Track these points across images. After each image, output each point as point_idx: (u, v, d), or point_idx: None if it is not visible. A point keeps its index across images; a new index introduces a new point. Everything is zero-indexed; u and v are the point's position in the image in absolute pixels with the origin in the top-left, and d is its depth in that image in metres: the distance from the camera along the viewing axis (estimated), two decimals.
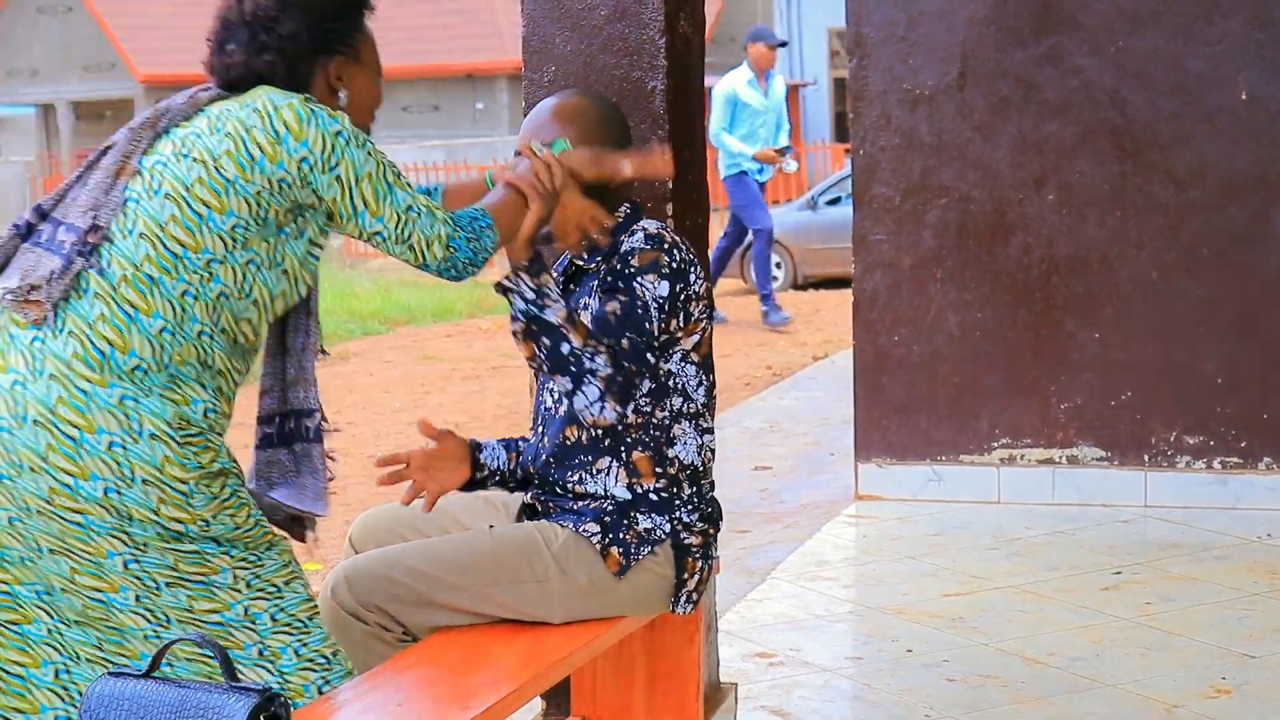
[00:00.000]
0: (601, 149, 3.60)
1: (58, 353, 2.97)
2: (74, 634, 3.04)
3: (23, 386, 2.97)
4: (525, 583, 3.45)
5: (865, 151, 7.04)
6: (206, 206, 3.03)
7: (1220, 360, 6.73)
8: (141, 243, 3.02)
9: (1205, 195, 6.72)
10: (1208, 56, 6.68)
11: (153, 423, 2.98)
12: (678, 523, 3.53)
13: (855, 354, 7.15)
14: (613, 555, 3.48)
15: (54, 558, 2.99)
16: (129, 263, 3.01)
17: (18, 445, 2.96)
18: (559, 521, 3.53)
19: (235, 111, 3.09)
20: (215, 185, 3.03)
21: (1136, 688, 4.77)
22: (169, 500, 2.98)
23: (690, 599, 3.60)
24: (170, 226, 3.02)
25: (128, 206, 3.05)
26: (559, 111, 3.64)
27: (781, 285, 19.17)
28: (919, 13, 6.94)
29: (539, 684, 3.28)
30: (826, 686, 4.92)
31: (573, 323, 3.40)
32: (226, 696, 2.69)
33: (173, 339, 3.02)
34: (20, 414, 2.96)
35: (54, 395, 2.95)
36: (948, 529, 6.59)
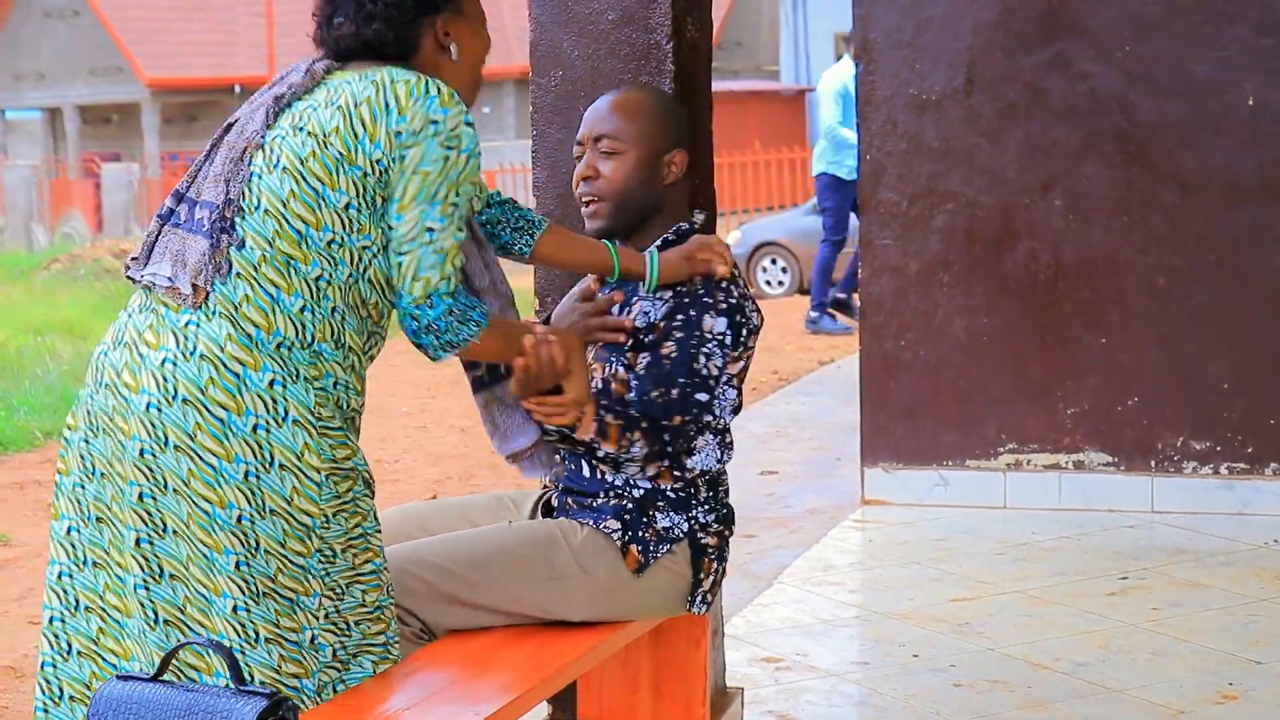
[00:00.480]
0: (660, 146, 3.62)
1: (212, 334, 2.99)
2: (155, 637, 3.03)
3: (173, 365, 2.99)
4: (545, 579, 3.46)
5: (872, 156, 7.04)
6: (321, 183, 3.02)
7: (1227, 365, 6.73)
8: (268, 219, 3.02)
9: (1212, 200, 6.72)
10: (1214, 62, 6.68)
11: (297, 409, 3.00)
12: (695, 522, 3.54)
13: (861, 359, 7.15)
14: (632, 553, 3.48)
15: (175, 539, 3.00)
16: (262, 239, 3.02)
17: (165, 422, 2.97)
18: (578, 519, 3.53)
19: (352, 84, 3.08)
20: (327, 161, 3.03)
21: (1143, 693, 4.76)
22: (302, 489, 3.00)
23: (705, 600, 3.60)
24: (291, 203, 3.02)
25: (252, 181, 3.05)
26: (619, 105, 3.65)
27: (788, 289, 19.19)
28: (926, 18, 6.94)
29: (546, 688, 3.29)
30: (833, 691, 4.92)
31: (604, 435, 3.42)
32: (234, 700, 2.69)
33: (312, 317, 3.03)
34: (170, 392, 2.98)
35: (205, 375, 2.97)
36: (954, 534, 6.59)
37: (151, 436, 2.98)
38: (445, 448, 9.84)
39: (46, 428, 10.75)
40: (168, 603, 3.01)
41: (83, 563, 3.10)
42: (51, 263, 22.51)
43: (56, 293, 19.10)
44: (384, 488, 8.16)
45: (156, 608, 3.01)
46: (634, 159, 3.61)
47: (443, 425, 10.55)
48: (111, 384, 3.05)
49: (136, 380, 3.01)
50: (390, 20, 3.16)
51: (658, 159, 3.63)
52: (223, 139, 3.14)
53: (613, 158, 3.61)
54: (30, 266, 23.08)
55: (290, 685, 3.01)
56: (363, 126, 3.03)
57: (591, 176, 3.62)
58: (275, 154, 3.05)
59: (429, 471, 9.19)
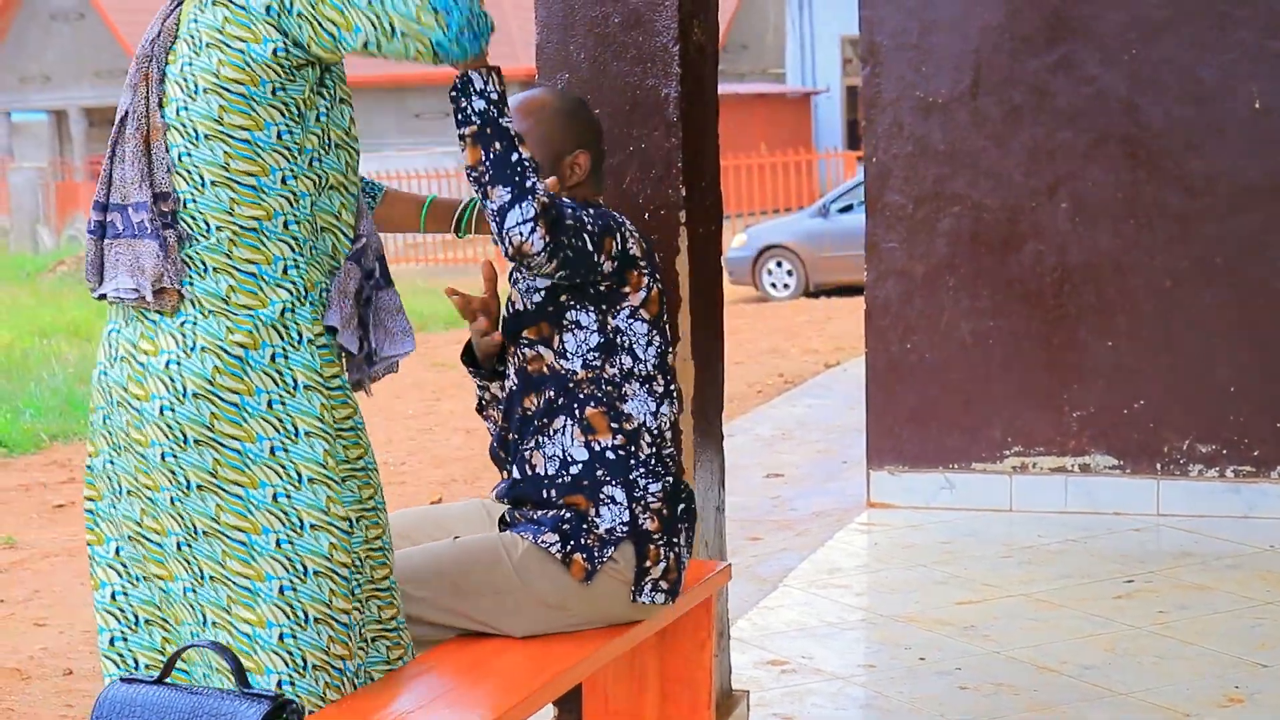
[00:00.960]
0: (561, 147, 3.58)
1: (211, 330, 2.97)
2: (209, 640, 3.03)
3: (178, 364, 2.97)
4: (485, 594, 3.42)
5: (878, 159, 7.04)
6: (246, 130, 2.98)
7: (1233, 368, 6.73)
8: (219, 189, 2.98)
9: (1218, 203, 6.72)
10: (1220, 65, 6.68)
11: (304, 374, 3.00)
12: (637, 505, 3.46)
13: (867, 361, 7.15)
14: (577, 562, 3.43)
15: (208, 539, 2.98)
16: (222, 214, 2.98)
17: (181, 420, 2.96)
18: (520, 532, 3.49)
19: (203, 18, 3.00)
20: (240, 106, 2.97)
21: (1149, 696, 4.76)
22: (333, 449, 3.00)
23: (659, 588, 3.50)
24: (231, 164, 2.98)
25: (181, 162, 2.99)
26: (518, 108, 3.59)
27: (793, 292, 19.20)
28: (932, 21, 6.94)
29: (550, 691, 3.28)
30: (839, 694, 4.92)
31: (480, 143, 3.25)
32: (239, 702, 2.69)
33: (297, 270, 3.01)
34: (180, 390, 2.96)
35: (210, 366, 2.96)
36: (960, 537, 6.59)
37: (170, 438, 2.97)
38: (450, 450, 9.85)
39: (52, 430, 10.77)
40: (213, 604, 2.99)
41: (135, 579, 3.09)
42: (57, 265, 22.56)
43: (62, 295, 19.13)
44: (390, 490, 8.16)
45: (204, 610, 3.00)
46: None
47: (447, 427, 10.56)
48: (122, 400, 3.02)
49: (144, 389, 2.99)
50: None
51: (558, 161, 3.57)
52: (121, 135, 3.05)
53: None
54: (36, 269, 23.13)
55: (336, 667, 3.00)
56: (242, 41, 2.95)
57: None
58: (188, 125, 2.99)
59: (434, 474, 9.20)
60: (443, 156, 28.42)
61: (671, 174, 4.05)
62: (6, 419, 10.88)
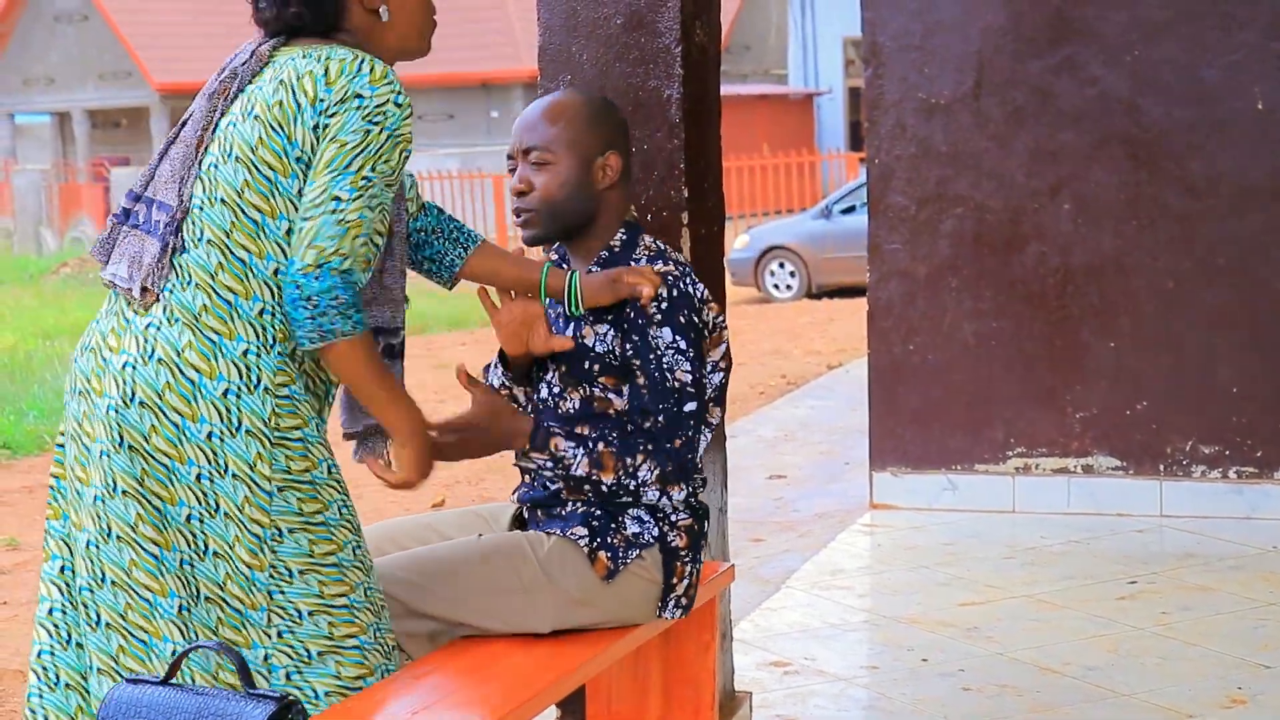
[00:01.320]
0: (591, 150, 3.58)
1: (172, 340, 2.99)
2: (97, 639, 3.05)
3: (133, 369, 3.00)
4: (513, 592, 3.42)
5: (880, 160, 7.04)
6: (272, 170, 3.00)
7: (1236, 370, 6.73)
8: (225, 209, 3.01)
9: (1220, 205, 6.72)
10: (1224, 67, 6.68)
11: (250, 420, 2.99)
12: (664, 523, 3.48)
13: (870, 363, 7.15)
14: (600, 559, 3.45)
15: (119, 544, 3.00)
16: (220, 231, 3.00)
17: (123, 424, 2.99)
18: (546, 529, 3.50)
19: (295, 61, 3.06)
20: (275, 146, 3.00)
21: (1152, 697, 4.76)
22: (253, 499, 2.99)
23: (680, 604, 3.54)
24: (246, 193, 3.00)
25: (208, 172, 3.04)
26: (545, 113, 3.58)
27: (796, 294, 19.20)
28: (935, 22, 6.94)
29: (553, 693, 3.28)
30: (841, 696, 4.92)
31: (599, 464, 3.39)
32: (244, 703, 2.69)
33: (272, 319, 3.02)
34: (129, 394, 2.99)
35: (162, 380, 2.98)
36: (962, 538, 6.59)
37: (108, 438, 3.00)
38: None
39: (55, 432, 10.75)
40: (109, 607, 3.02)
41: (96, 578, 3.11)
42: (60, 267, 22.57)
43: (65, 297, 19.14)
44: (392, 491, 8.14)
45: (100, 611, 3.03)
46: (565, 168, 3.53)
47: None
48: (84, 390, 3.07)
49: (101, 384, 3.03)
50: (307, 1, 3.12)
51: (590, 164, 3.55)
52: (179, 135, 3.12)
53: (544, 169, 3.53)
54: (39, 270, 23.14)
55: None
56: (304, 98, 3.01)
57: (525, 190, 3.55)
58: (228, 142, 3.04)
59: (437, 475, 9.16)
60: (445, 158, 28.42)
61: (674, 175, 4.06)
62: (10, 421, 10.89)
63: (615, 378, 3.48)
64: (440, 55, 23.40)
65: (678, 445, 3.41)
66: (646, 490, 3.40)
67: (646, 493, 3.40)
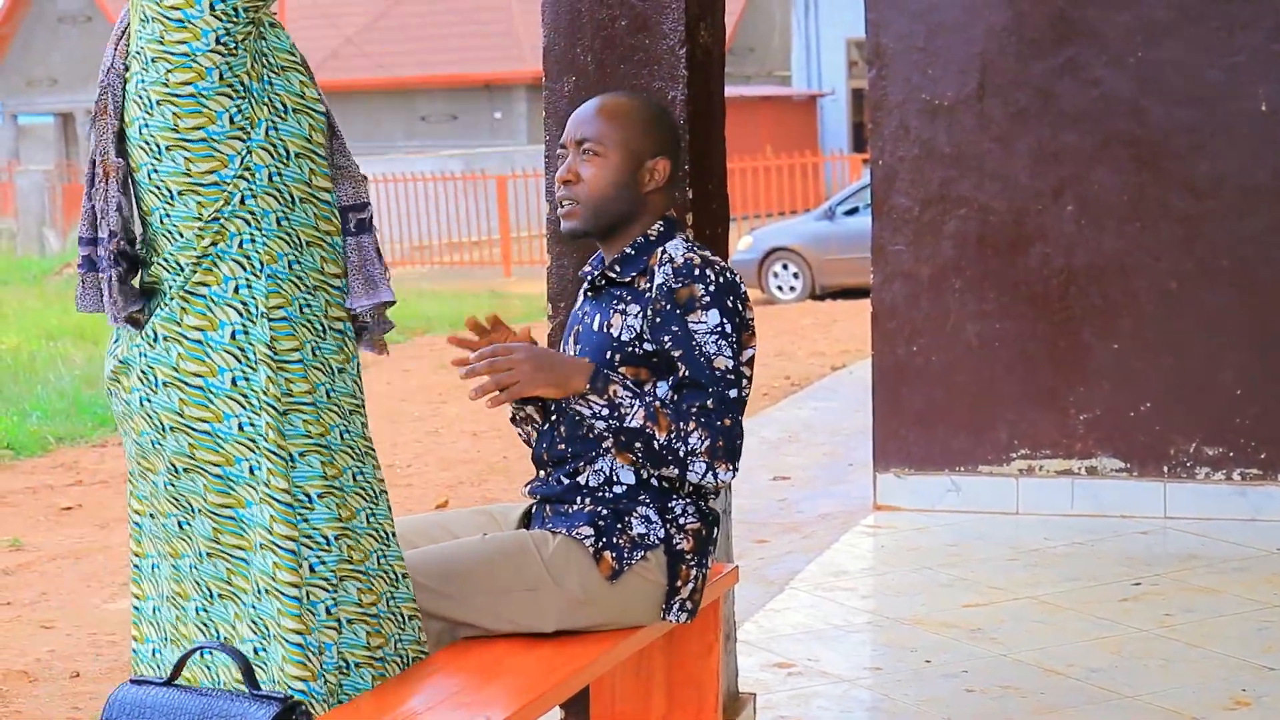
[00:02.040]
0: (642, 152, 3.59)
1: (165, 360, 3.02)
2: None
3: (149, 401, 3.05)
4: (516, 591, 3.42)
5: (884, 162, 7.05)
6: (200, 129, 2.98)
7: (1239, 371, 6.72)
8: (187, 197, 2.99)
9: (1224, 206, 6.72)
10: (1227, 68, 6.68)
11: (261, 396, 3.01)
12: (672, 525, 3.49)
13: (874, 364, 7.15)
14: (605, 559, 3.45)
15: (211, 561, 3.05)
16: (194, 221, 2.99)
17: (168, 451, 3.04)
18: (551, 528, 3.50)
19: (144, 32, 3.02)
20: (191, 108, 2.97)
21: (1155, 699, 4.76)
22: (278, 423, 3.02)
23: (685, 608, 3.54)
24: (193, 168, 2.98)
25: (150, 179, 3.02)
26: (604, 109, 3.60)
27: (799, 295, 19.19)
28: (938, 23, 6.94)
29: (558, 693, 3.28)
30: (845, 697, 4.92)
31: (654, 418, 3.40)
32: (248, 704, 2.70)
33: (249, 290, 3.02)
34: (159, 426, 3.04)
35: (176, 401, 3.02)
36: (966, 539, 6.59)
37: (165, 468, 3.07)
38: (457, 452, 9.86)
39: (59, 432, 10.78)
40: (222, 619, 3.09)
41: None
42: (64, 267, 22.58)
43: (69, 297, 19.10)
44: (396, 492, 8.16)
45: (218, 626, 3.09)
46: (615, 163, 3.56)
47: (454, 430, 10.56)
48: (126, 430, 3.15)
49: (134, 422, 3.10)
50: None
51: (639, 165, 3.58)
52: (93, 173, 3.12)
53: (593, 161, 3.56)
54: (43, 271, 23.15)
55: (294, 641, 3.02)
56: (179, 29, 2.97)
57: (571, 180, 3.58)
58: (151, 142, 3.01)
59: (441, 476, 9.20)
60: (449, 160, 28.42)
61: (678, 177, 4.05)
62: (13, 421, 10.90)
63: (634, 367, 3.49)
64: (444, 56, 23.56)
65: (727, 424, 3.42)
66: (694, 461, 3.40)
67: (694, 464, 3.40)
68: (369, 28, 37.60)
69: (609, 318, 3.54)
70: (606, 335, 3.52)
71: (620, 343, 3.50)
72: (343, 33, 36.57)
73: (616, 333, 3.51)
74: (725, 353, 3.45)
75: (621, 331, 3.51)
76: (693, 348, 3.45)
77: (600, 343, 3.53)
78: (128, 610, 6.67)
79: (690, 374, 3.44)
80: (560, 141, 3.66)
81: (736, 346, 3.47)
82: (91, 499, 8.97)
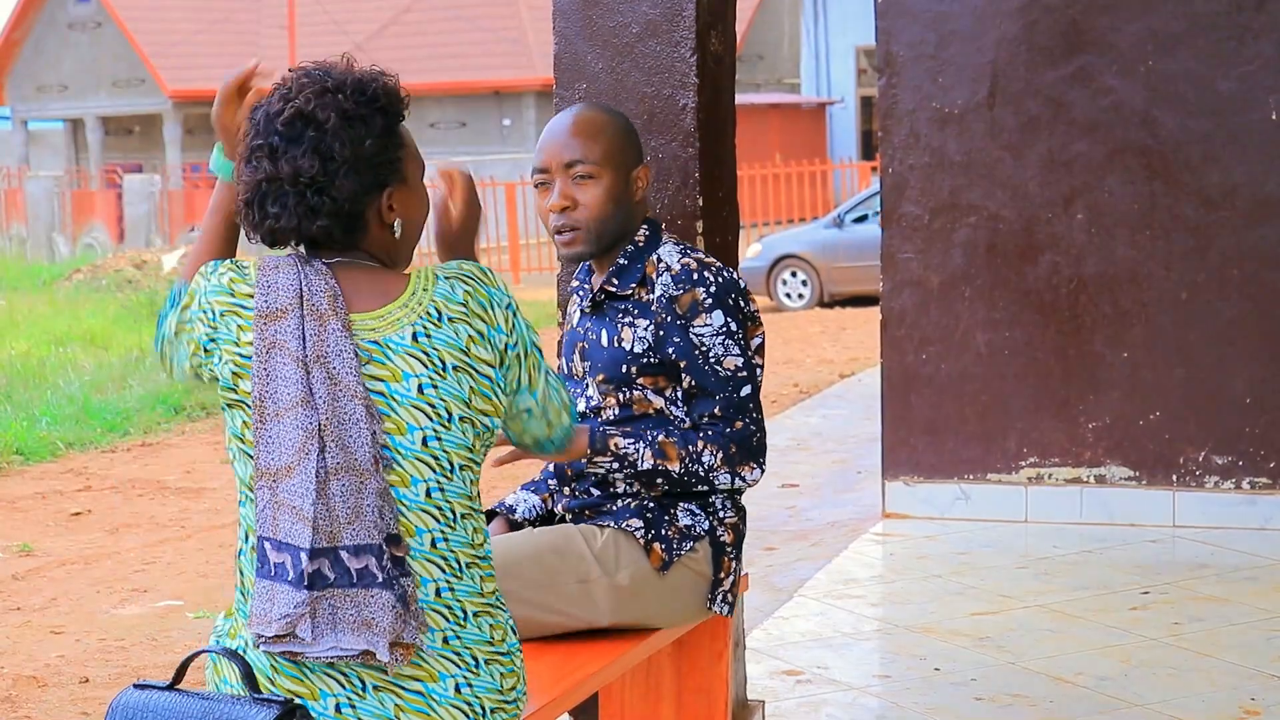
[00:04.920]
0: (629, 163, 3.60)
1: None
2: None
3: (245, 652, 2.80)
4: (568, 584, 3.44)
5: (894, 170, 7.05)
6: (490, 383, 2.84)
7: (1249, 380, 6.72)
8: (466, 473, 2.81)
9: (1235, 215, 6.71)
10: (1238, 78, 6.67)
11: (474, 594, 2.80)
12: (714, 517, 3.53)
13: (883, 372, 7.15)
14: (655, 551, 3.47)
15: (378, 695, 2.74)
16: (466, 499, 2.81)
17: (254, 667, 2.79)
18: (598, 523, 3.51)
19: (439, 334, 2.78)
20: (485, 373, 2.83)
21: (1164, 708, 4.75)
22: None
23: (726, 600, 3.58)
24: (476, 446, 2.81)
25: (415, 460, 2.75)
26: (582, 128, 3.58)
27: (808, 302, 19.19)
28: (949, 32, 6.94)
29: (568, 699, 3.29)
30: (854, 705, 4.91)
31: (663, 454, 3.44)
32: (249, 707, 2.69)
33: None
34: None
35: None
36: (975, 548, 6.58)
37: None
38: None
39: (68, 438, 10.79)
40: None
41: None
42: (73, 273, 22.59)
43: (78, 303, 19.15)
44: None
45: None
46: (608, 183, 3.55)
47: None
48: None
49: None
50: (340, 215, 2.79)
51: (629, 178, 3.59)
52: (321, 464, 2.68)
53: (587, 185, 3.54)
54: (52, 277, 23.16)
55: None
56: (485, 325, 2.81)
57: (569, 207, 3.54)
58: (440, 408, 2.76)
59: None
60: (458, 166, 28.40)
61: (689, 184, 4.06)
62: (23, 427, 10.90)
63: (653, 377, 3.51)
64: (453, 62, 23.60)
65: (737, 427, 3.46)
66: (716, 475, 3.45)
67: (717, 477, 3.45)
68: (378, 34, 37.66)
69: (617, 332, 3.55)
70: (620, 350, 3.53)
71: (634, 355, 3.52)
72: (352, 40, 36.58)
73: (629, 346, 3.52)
74: (733, 351, 3.48)
75: (634, 344, 3.52)
76: (696, 356, 3.47)
77: (615, 357, 3.53)
78: (137, 616, 6.70)
79: (697, 382, 3.47)
80: (538, 167, 3.60)
81: (744, 342, 3.50)
82: (101, 504, 8.98)
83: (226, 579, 7.18)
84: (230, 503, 8.84)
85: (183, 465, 10.06)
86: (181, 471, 9.86)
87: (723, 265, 3.57)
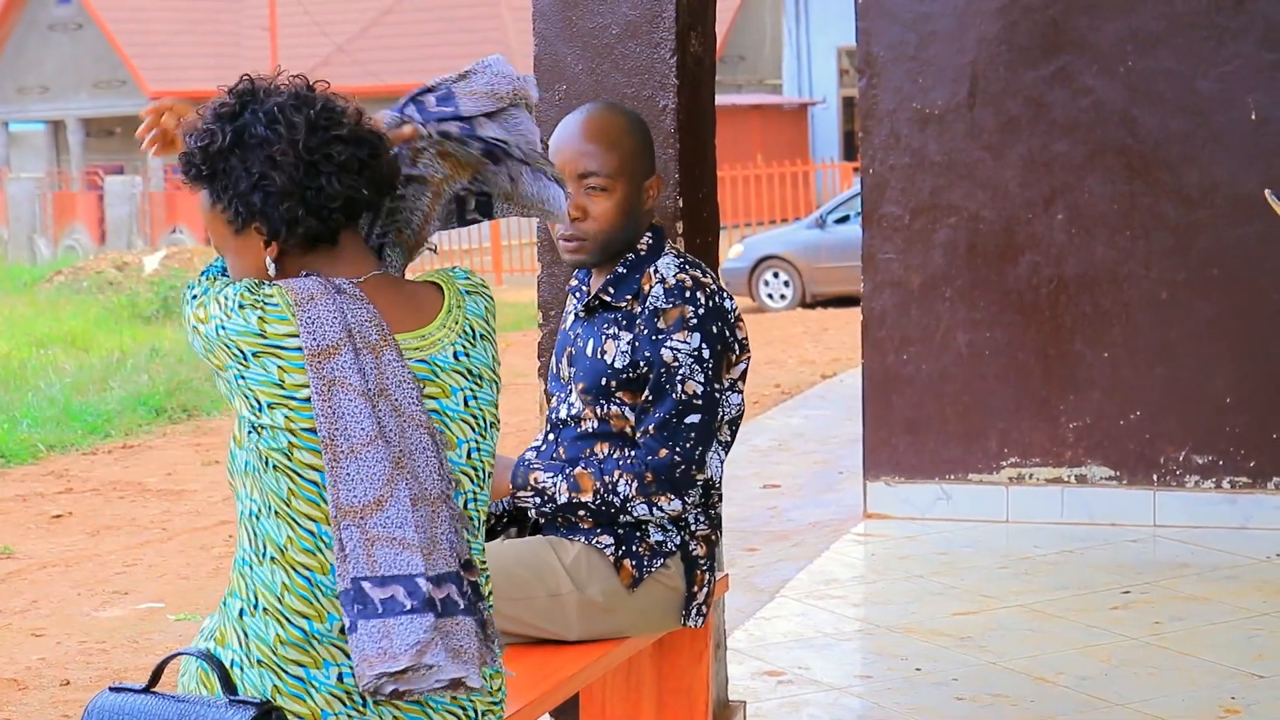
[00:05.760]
0: (642, 172, 3.56)
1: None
2: None
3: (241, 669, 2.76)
4: (538, 597, 3.43)
5: (875, 170, 7.05)
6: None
7: (1229, 380, 6.73)
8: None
9: (1214, 215, 6.73)
10: (1218, 77, 6.69)
11: None
12: (686, 532, 3.50)
13: (864, 372, 7.16)
14: (625, 567, 3.45)
15: (378, 709, 2.71)
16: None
17: (247, 685, 2.75)
18: (568, 537, 3.50)
19: (470, 305, 2.84)
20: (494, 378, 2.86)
21: (1146, 707, 4.76)
22: None
23: (700, 612, 3.57)
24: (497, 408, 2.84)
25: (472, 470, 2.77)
26: (597, 134, 3.54)
27: (790, 303, 19.20)
28: (929, 32, 6.95)
29: (548, 701, 3.28)
30: (835, 705, 4.92)
31: (576, 487, 3.42)
32: (225, 710, 2.69)
33: None
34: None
35: (272, 633, 2.71)
36: (956, 548, 6.59)
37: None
38: None
39: (49, 440, 10.76)
40: None
41: None
42: (55, 275, 22.53)
43: (59, 305, 19.11)
44: None
45: None
46: (621, 196, 3.52)
47: None
48: None
49: None
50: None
51: (640, 189, 3.56)
52: (412, 494, 2.62)
53: (600, 197, 3.51)
54: (33, 279, 23.10)
55: None
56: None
57: (579, 218, 3.50)
58: (480, 418, 2.77)
59: None
60: None
61: (669, 185, 4.06)
62: (4, 429, 10.88)
63: (632, 392, 3.48)
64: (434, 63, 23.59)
65: (660, 455, 3.40)
66: (633, 505, 3.40)
67: (634, 508, 3.40)
68: (360, 35, 37.60)
69: (601, 344, 3.52)
70: (602, 362, 3.51)
71: (614, 370, 3.48)
72: (333, 40, 36.56)
73: (610, 359, 3.49)
74: (697, 377, 3.42)
75: (615, 358, 3.49)
76: (661, 369, 3.42)
77: (596, 369, 3.51)
78: (118, 618, 6.69)
79: (651, 393, 3.43)
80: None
81: (712, 372, 3.43)
82: (82, 507, 8.96)
83: (208, 581, 7.17)
84: (211, 504, 8.83)
85: (164, 467, 10.04)
86: (163, 473, 9.84)
87: (720, 288, 3.51)
